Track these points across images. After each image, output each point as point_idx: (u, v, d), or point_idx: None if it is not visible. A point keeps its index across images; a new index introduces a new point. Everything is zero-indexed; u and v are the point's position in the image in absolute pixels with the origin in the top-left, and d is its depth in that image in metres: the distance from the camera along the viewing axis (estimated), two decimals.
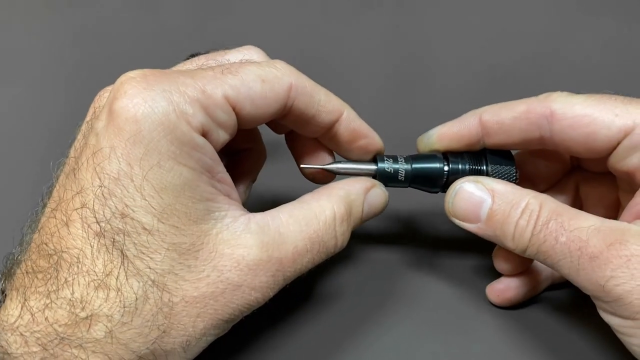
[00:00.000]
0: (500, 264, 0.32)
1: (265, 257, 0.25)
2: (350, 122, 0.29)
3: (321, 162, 0.31)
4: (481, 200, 0.28)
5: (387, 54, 0.51)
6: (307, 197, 0.28)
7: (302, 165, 0.31)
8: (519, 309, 0.32)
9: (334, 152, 0.31)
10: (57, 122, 0.43)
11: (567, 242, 0.25)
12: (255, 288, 0.25)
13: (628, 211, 0.27)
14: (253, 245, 0.25)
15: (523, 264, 0.31)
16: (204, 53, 0.29)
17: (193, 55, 0.30)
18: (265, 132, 0.32)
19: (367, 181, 0.30)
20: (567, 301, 0.32)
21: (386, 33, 0.54)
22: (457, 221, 0.29)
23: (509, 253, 0.30)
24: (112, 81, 0.25)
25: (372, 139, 0.30)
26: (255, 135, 0.32)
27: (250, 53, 0.29)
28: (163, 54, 0.49)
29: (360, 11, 0.56)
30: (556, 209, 0.26)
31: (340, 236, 0.28)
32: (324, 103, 0.28)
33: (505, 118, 0.29)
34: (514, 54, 0.51)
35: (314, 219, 0.27)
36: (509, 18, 0.56)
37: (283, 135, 0.32)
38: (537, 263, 0.32)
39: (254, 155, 0.32)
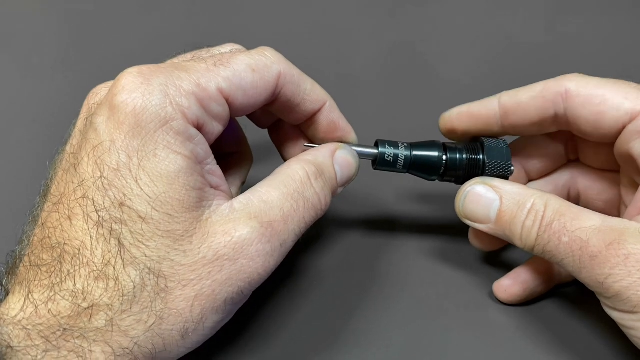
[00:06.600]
0: (473, 241, 0.33)
1: (257, 224, 0.25)
2: (330, 112, 0.30)
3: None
4: (490, 201, 0.29)
5: (389, 51, 0.51)
6: (277, 169, 0.29)
7: (305, 144, 0.31)
8: (525, 305, 0.32)
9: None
10: (54, 120, 0.43)
11: (569, 242, 0.26)
12: (253, 258, 0.25)
13: (633, 205, 0.28)
14: (241, 218, 0.25)
15: (495, 243, 0.32)
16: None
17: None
18: (252, 136, 0.32)
19: (331, 145, 0.30)
20: (573, 297, 0.32)
21: (386, 30, 0.54)
22: (469, 222, 0.30)
23: (480, 232, 0.31)
24: (103, 79, 0.26)
25: (348, 134, 0.31)
26: (241, 139, 0.33)
27: (233, 48, 0.30)
28: (157, 52, 0.49)
29: (359, 10, 0.56)
30: (559, 209, 0.27)
31: (320, 192, 0.28)
32: (309, 92, 0.29)
33: (523, 98, 0.30)
34: (517, 48, 0.51)
35: (290, 179, 0.27)
36: (509, 12, 0.55)
37: (270, 141, 0.33)
38: (544, 262, 0.31)
39: (240, 158, 0.33)
